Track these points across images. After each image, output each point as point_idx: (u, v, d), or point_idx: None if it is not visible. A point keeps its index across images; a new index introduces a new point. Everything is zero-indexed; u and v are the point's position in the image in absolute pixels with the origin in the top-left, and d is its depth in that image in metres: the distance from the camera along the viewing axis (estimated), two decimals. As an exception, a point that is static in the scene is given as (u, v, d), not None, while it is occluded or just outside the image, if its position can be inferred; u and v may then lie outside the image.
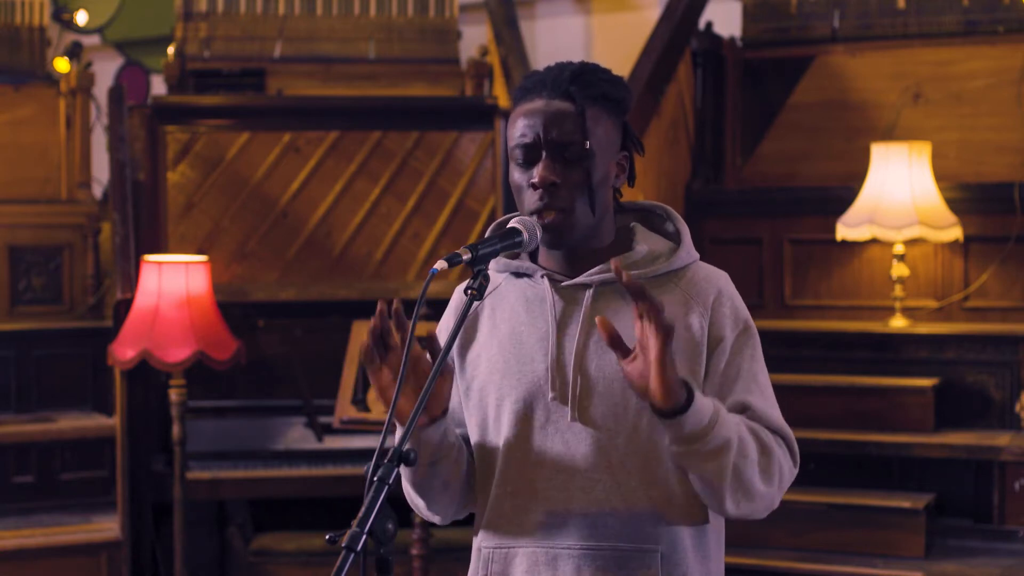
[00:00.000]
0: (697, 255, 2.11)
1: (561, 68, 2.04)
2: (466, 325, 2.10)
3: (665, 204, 2.19)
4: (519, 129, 2.01)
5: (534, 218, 2.01)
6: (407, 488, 2.10)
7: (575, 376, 2.00)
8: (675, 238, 2.11)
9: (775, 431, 2.00)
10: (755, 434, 1.95)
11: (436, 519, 2.15)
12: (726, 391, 2.00)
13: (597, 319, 1.86)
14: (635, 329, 1.85)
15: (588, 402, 2.00)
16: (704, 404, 1.88)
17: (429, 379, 1.88)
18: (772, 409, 2.02)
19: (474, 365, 2.10)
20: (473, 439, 2.10)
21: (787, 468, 2.00)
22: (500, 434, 2.05)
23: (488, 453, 2.07)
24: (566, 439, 2.00)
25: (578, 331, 2.02)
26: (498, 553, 2.05)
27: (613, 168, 2.05)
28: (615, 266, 1.85)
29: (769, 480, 1.96)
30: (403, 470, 2.01)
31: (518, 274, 2.11)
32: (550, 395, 2.01)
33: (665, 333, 1.81)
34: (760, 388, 2.01)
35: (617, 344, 1.85)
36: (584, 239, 2.04)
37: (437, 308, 2.04)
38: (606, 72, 2.06)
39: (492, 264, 2.12)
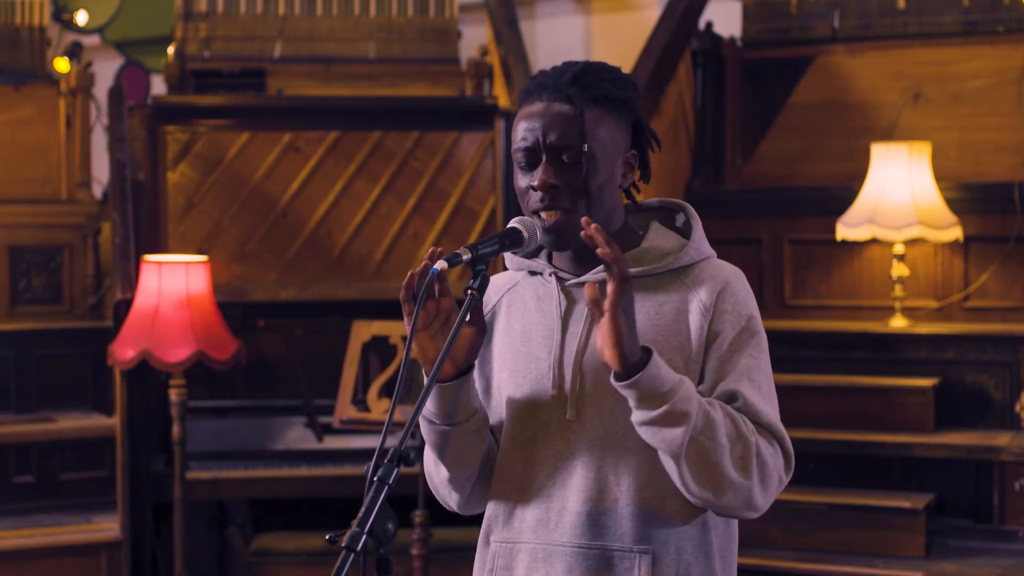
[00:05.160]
0: (711, 252, 2.09)
1: (564, 69, 2.03)
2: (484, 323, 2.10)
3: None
4: (520, 133, 2.02)
5: (535, 219, 2.02)
6: (428, 463, 2.09)
7: (575, 375, 2.01)
8: (689, 235, 2.10)
9: (765, 427, 1.96)
10: (732, 420, 1.92)
11: (454, 500, 2.12)
12: (719, 384, 1.97)
13: (586, 286, 1.86)
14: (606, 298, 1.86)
15: (587, 401, 2.00)
16: (665, 371, 1.87)
17: (454, 330, 1.90)
18: (767, 406, 1.98)
19: (490, 362, 2.11)
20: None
21: (773, 467, 1.95)
22: (507, 431, 2.06)
23: (495, 448, 2.08)
24: (565, 437, 2.01)
25: (581, 330, 2.03)
26: (504, 548, 2.06)
27: (619, 168, 2.05)
28: (584, 221, 1.85)
29: (745, 471, 1.91)
30: (425, 430, 2.03)
31: (533, 272, 2.12)
32: (551, 393, 2.02)
33: (619, 281, 1.82)
34: (755, 384, 1.98)
35: (596, 304, 1.86)
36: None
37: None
38: (611, 72, 2.05)
39: (509, 264, 2.14)
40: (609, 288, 1.83)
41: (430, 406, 2.01)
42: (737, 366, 1.98)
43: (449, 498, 2.13)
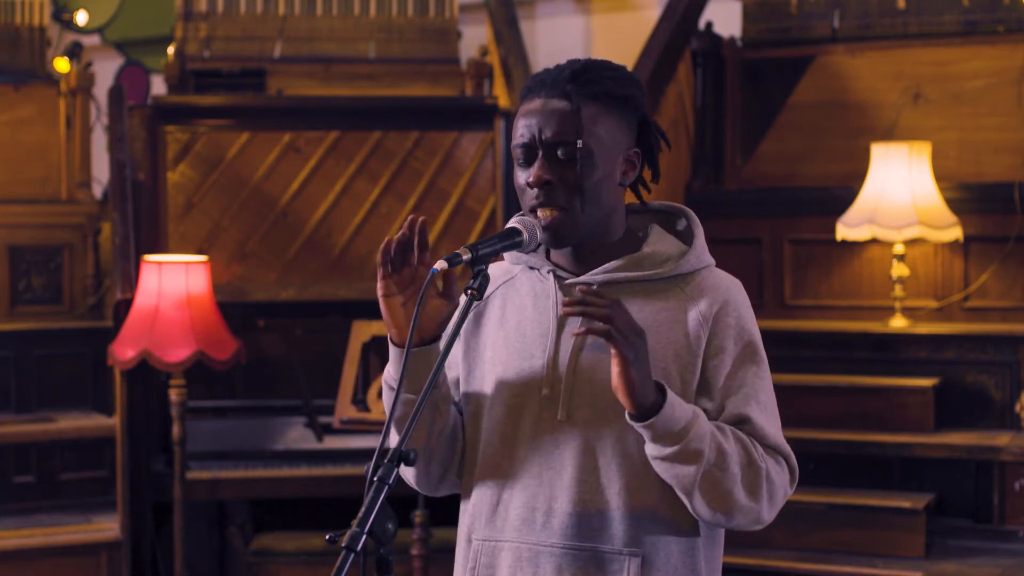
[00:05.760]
0: (711, 261, 2.08)
1: (565, 67, 2.03)
2: (476, 311, 2.10)
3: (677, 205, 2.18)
4: (519, 129, 2.02)
5: (533, 217, 2.01)
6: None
7: (568, 375, 2.00)
8: (690, 241, 2.09)
9: (772, 448, 1.99)
10: (743, 447, 1.95)
11: (410, 473, 2.09)
12: (726, 403, 1.99)
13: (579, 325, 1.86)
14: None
15: (579, 402, 2.00)
16: (680, 410, 1.89)
17: (420, 295, 1.92)
18: (772, 427, 2.00)
19: (479, 352, 2.10)
20: (467, 426, 2.10)
21: (780, 484, 1.99)
22: (493, 426, 2.05)
23: (480, 444, 2.06)
24: (555, 437, 2.00)
25: (577, 330, 2.02)
26: (486, 546, 2.05)
27: (619, 166, 2.03)
28: (580, 290, 1.87)
29: (754, 495, 1.95)
30: (386, 397, 2.05)
31: (531, 267, 2.11)
32: (543, 392, 2.01)
33: (619, 339, 1.84)
34: (761, 405, 2.00)
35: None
36: (589, 237, 2.03)
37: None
38: (614, 69, 2.04)
39: (507, 256, 2.13)
40: (613, 348, 1.85)
41: (392, 371, 2.02)
42: (744, 385, 1.99)
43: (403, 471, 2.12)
